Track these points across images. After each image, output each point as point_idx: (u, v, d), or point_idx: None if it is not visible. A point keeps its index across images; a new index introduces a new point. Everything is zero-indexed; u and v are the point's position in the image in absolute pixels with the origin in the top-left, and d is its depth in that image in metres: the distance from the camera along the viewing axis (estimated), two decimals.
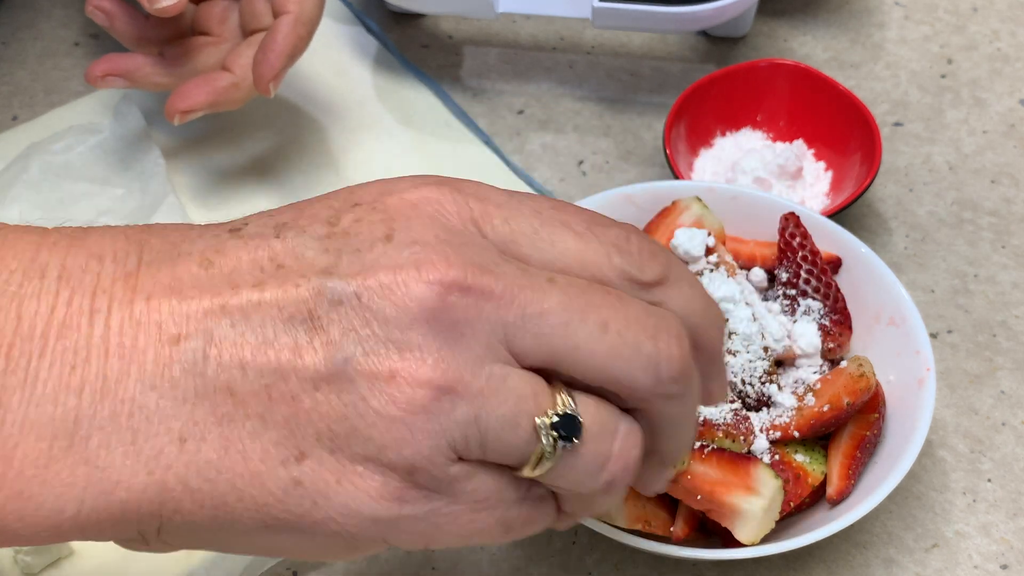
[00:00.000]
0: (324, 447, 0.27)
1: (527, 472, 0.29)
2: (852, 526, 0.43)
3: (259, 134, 0.63)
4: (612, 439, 0.30)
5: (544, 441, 0.28)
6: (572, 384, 0.29)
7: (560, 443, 0.28)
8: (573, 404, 0.29)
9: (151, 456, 0.27)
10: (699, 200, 0.51)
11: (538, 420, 0.28)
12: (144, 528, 0.28)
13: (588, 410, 0.29)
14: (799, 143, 0.61)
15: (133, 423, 0.27)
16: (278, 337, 0.27)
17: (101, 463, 0.27)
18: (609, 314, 0.29)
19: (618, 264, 0.30)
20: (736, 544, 0.43)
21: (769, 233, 0.51)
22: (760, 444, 0.45)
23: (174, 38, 0.57)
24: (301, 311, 0.27)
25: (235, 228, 0.30)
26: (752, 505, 0.43)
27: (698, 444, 0.44)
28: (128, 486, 0.27)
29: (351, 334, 0.27)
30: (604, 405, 0.30)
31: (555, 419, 0.28)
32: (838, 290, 0.50)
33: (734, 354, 0.46)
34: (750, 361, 0.46)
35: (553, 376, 0.29)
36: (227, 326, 0.27)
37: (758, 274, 0.51)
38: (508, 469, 0.29)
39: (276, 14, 0.53)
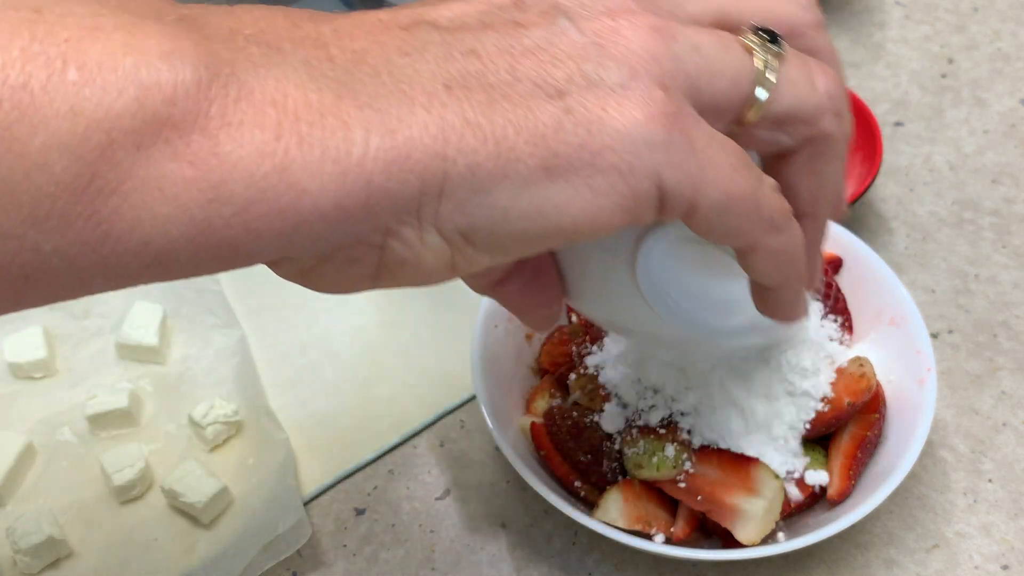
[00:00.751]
0: (579, 84, 0.28)
1: (757, 101, 0.30)
2: (853, 526, 0.43)
3: None
4: (806, 58, 0.32)
5: (757, 50, 0.30)
6: None
7: (771, 47, 0.31)
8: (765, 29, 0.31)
9: (424, 99, 0.27)
10: None
11: (743, 38, 0.31)
12: (428, 183, 0.27)
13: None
14: None
15: (395, 78, 0.27)
16: (496, 22, 0.29)
17: (377, 106, 0.26)
18: None
19: None
20: (736, 544, 0.43)
21: None
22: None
23: None
24: (508, 2, 0.29)
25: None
26: (752, 506, 0.43)
27: (703, 448, 0.44)
28: (410, 122, 0.26)
29: (561, 5, 0.29)
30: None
31: (758, 34, 0.31)
32: (839, 290, 0.50)
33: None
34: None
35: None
36: (447, 21, 0.29)
37: None
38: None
39: None
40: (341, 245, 0.27)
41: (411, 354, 0.55)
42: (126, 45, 0.24)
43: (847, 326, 0.50)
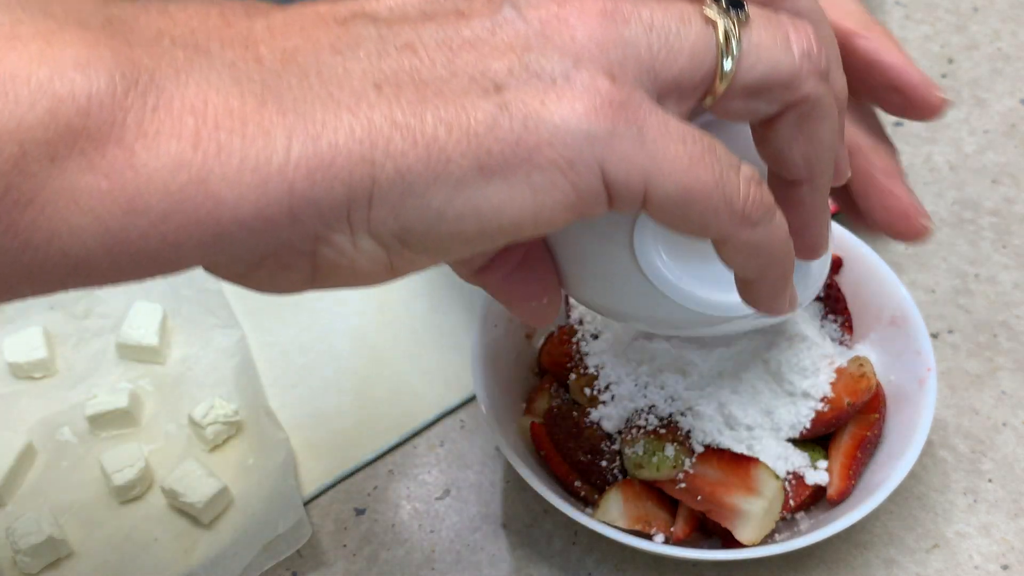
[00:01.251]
0: (519, 77, 0.27)
1: (724, 74, 0.29)
2: (853, 526, 0.43)
3: None
4: (776, 17, 0.30)
5: (718, 20, 0.29)
6: None
7: (733, 13, 0.29)
8: None
9: (351, 102, 0.26)
10: None
11: (703, 8, 0.29)
12: (355, 188, 0.26)
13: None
14: None
15: (323, 79, 0.26)
16: (438, 12, 0.28)
17: (299, 114, 0.25)
18: None
19: None
20: (736, 544, 0.43)
21: None
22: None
23: None
24: None
25: None
26: (752, 505, 0.43)
27: (702, 448, 0.44)
28: (335, 127, 0.25)
29: None
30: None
31: (716, 1, 0.29)
32: (839, 290, 0.50)
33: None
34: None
35: None
36: (386, 12, 0.28)
37: None
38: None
39: None
40: (268, 253, 0.27)
41: (411, 354, 0.55)
42: (42, 54, 0.24)
43: (847, 326, 0.50)
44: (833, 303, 0.49)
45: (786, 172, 0.33)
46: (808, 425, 0.45)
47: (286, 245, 0.27)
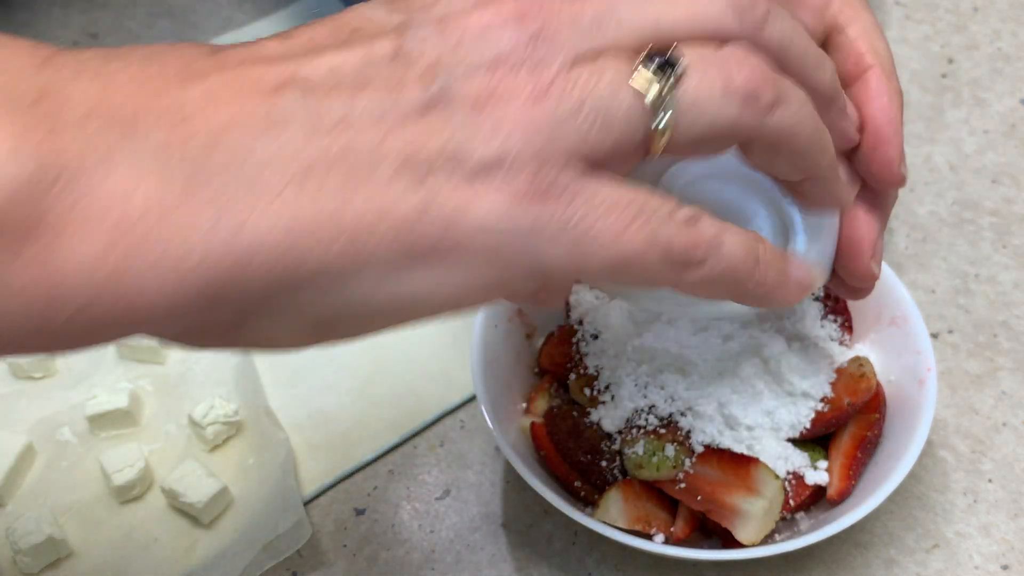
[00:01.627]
0: (443, 169, 0.27)
1: (659, 133, 0.28)
2: (852, 526, 0.43)
3: None
4: (717, 58, 0.29)
5: (649, 85, 0.28)
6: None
7: (662, 74, 0.28)
8: (659, 51, 0.29)
9: (272, 197, 0.26)
10: None
11: (637, 71, 0.29)
12: (277, 279, 0.26)
13: (681, 49, 0.29)
14: None
15: (248, 169, 0.26)
16: (373, 79, 0.28)
17: (222, 205, 0.26)
18: None
19: None
20: (736, 544, 0.43)
21: None
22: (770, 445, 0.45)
23: None
24: (388, 54, 0.28)
25: (298, 27, 0.30)
26: (752, 505, 0.43)
27: (702, 448, 0.44)
28: (254, 226, 0.26)
29: (443, 62, 0.28)
30: (695, 41, 0.30)
31: (648, 62, 0.29)
32: None
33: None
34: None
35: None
36: (320, 78, 0.28)
37: None
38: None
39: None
40: (186, 333, 0.27)
41: (411, 354, 0.55)
42: None
43: (847, 326, 0.50)
44: (833, 303, 0.49)
45: (781, 179, 0.33)
46: (808, 425, 0.45)
47: (204, 328, 0.27)
